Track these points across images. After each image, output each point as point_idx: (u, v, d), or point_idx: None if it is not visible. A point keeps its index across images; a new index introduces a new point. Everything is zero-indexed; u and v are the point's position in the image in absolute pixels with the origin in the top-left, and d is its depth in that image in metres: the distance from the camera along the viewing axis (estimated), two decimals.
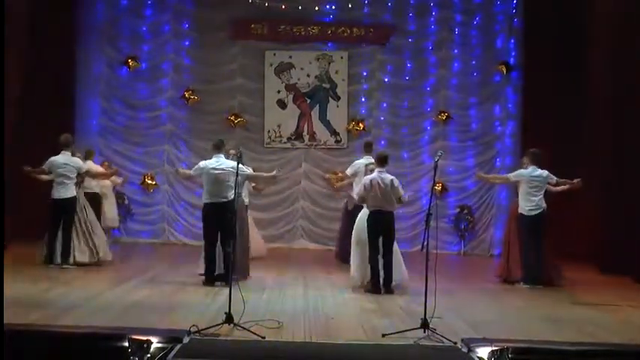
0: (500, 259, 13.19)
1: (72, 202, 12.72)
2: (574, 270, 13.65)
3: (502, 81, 17.60)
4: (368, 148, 14.06)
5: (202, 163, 11.29)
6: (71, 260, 12.57)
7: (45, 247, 12.57)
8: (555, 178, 12.26)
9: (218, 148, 11.40)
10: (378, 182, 11.01)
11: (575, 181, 12.38)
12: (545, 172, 12.23)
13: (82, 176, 13.13)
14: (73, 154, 12.98)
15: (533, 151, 12.57)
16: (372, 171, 11.54)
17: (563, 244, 14.54)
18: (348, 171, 13.85)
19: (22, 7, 14.70)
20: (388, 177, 11.10)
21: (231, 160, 11.38)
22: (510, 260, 12.54)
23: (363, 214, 11.45)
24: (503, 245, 13.30)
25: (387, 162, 11.45)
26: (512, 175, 12.68)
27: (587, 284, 12.74)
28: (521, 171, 12.45)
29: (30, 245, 13.26)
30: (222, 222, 10.76)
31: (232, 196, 10.67)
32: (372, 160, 13.12)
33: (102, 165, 15.37)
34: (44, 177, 12.94)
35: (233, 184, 10.51)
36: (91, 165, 14.24)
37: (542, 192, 12.24)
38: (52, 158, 12.72)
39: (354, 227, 11.64)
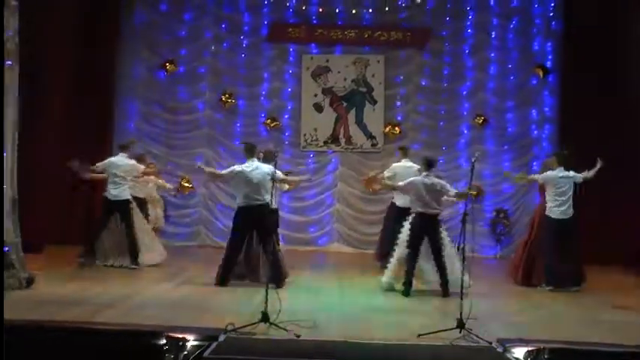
0: (516, 262, 12.98)
1: (126, 203, 12.92)
2: (612, 273, 13.57)
3: (539, 84, 17.48)
4: (404, 152, 14.06)
5: (238, 167, 11.31)
6: (141, 260, 12.82)
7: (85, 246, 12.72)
8: (582, 176, 12.16)
9: (251, 152, 11.45)
10: (425, 184, 10.99)
11: (598, 165, 12.25)
12: (571, 173, 12.14)
13: (137, 179, 13.39)
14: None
15: (558, 152, 12.50)
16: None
17: (599, 248, 14.49)
18: (387, 173, 13.82)
19: (67, 11, 14.95)
20: (435, 180, 11.10)
21: (261, 161, 11.43)
22: (531, 263, 12.43)
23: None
24: (520, 248, 13.07)
25: (434, 166, 11.40)
26: (539, 177, 12.55)
27: (625, 288, 12.63)
28: (549, 173, 12.34)
29: (65, 246, 13.44)
30: (259, 224, 10.84)
31: (268, 199, 10.77)
32: (411, 164, 13.16)
33: (148, 166, 15.43)
34: (96, 176, 13.15)
35: (269, 187, 10.63)
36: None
37: (571, 195, 12.14)
38: (110, 159, 13.05)
39: (404, 231, 11.58)
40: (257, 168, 11.17)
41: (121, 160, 12.93)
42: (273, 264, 10.59)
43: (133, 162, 13.11)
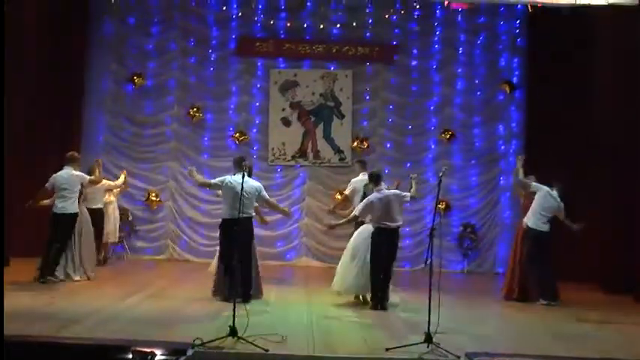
0: (507, 278, 13.10)
1: (71, 216, 12.72)
2: (576, 289, 13.70)
3: (506, 100, 17.64)
4: (362, 166, 14.19)
5: (229, 178, 11.25)
6: (60, 275, 12.57)
7: (41, 261, 12.58)
8: (564, 214, 12.37)
9: (240, 165, 11.40)
10: (380, 199, 11.14)
11: (575, 228, 12.44)
12: (561, 203, 12.32)
13: (85, 190, 13.22)
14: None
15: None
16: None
17: (566, 264, 14.60)
18: (347, 191, 13.94)
19: (33, 23, 14.85)
20: (389, 192, 11.28)
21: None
22: (520, 279, 12.56)
23: (363, 230, 11.53)
24: (509, 264, 13.23)
25: (382, 178, 11.63)
26: (533, 184, 12.67)
27: (589, 302, 12.75)
28: (542, 185, 12.51)
29: (32, 260, 13.29)
30: (243, 237, 10.86)
31: (253, 213, 10.83)
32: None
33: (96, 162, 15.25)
34: (47, 202, 12.99)
35: (254, 203, 10.66)
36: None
37: (549, 217, 12.34)
38: (55, 175, 12.79)
39: (351, 240, 11.68)
40: (246, 182, 11.13)
41: (65, 173, 12.75)
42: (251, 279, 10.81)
43: (77, 173, 12.84)
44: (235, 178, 11.09)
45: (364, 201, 11.43)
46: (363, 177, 13.54)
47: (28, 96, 14.92)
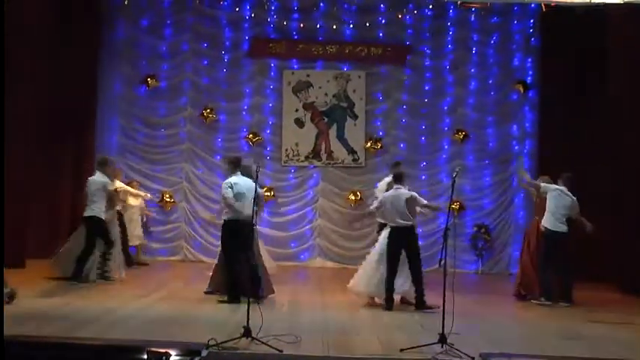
0: (519, 277, 13.10)
1: (96, 221, 12.74)
2: (592, 289, 13.64)
3: (519, 100, 17.58)
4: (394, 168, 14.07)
5: (234, 180, 11.23)
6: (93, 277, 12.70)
7: (75, 263, 12.62)
8: (578, 210, 12.31)
9: (237, 165, 11.44)
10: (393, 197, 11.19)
11: (589, 229, 12.38)
12: (575, 198, 12.26)
13: (111, 195, 13.27)
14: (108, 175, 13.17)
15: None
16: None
17: (582, 263, 14.56)
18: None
19: (45, 24, 14.89)
20: (405, 193, 11.24)
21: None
22: (529, 277, 12.56)
23: (386, 233, 11.53)
24: (520, 263, 13.25)
25: (403, 179, 11.59)
26: (542, 185, 12.64)
27: (603, 303, 12.71)
28: (554, 185, 12.47)
29: (48, 261, 13.37)
30: (245, 238, 10.82)
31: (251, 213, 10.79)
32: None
33: (130, 184, 15.48)
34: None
35: (251, 202, 10.63)
36: (118, 184, 14.34)
37: (566, 216, 12.30)
38: (89, 178, 13.00)
39: (378, 244, 11.66)
40: (246, 182, 11.15)
41: (92, 177, 12.89)
42: (254, 279, 10.72)
43: (100, 180, 12.87)
44: (234, 180, 11.12)
45: (381, 198, 11.58)
46: (387, 179, 13.45)
47: (41, 99, 14.95)
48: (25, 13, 13.88)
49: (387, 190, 11.97)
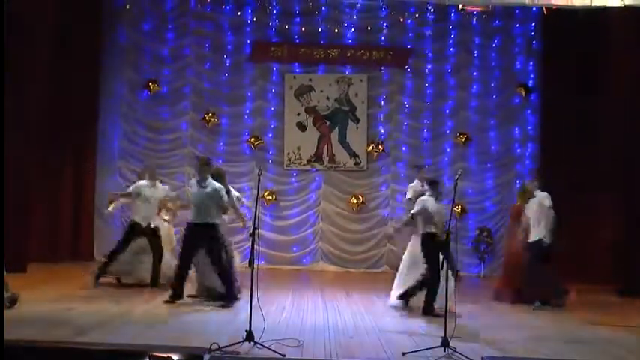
0: (504, 281, 13.12)
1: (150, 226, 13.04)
2: (592, 292, 13.64)
3: (521, 103, 17.59)
4: (420, 171, 13.93)
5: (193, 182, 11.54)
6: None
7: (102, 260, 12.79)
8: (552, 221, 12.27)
9: (206, 168, 11.52)
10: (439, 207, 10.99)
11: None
12: (546, 207, 12.27)
13: (162, 203, 13.54)
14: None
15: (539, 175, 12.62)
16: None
17: (581, 267, 14.60)
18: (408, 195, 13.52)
19: (47, 29, 14.92)
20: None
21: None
22: (518, 281, 12.57)
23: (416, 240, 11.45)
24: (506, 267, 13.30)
25: (438, 185, 11.35)
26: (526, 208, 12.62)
27: (603, 305, 12.69)
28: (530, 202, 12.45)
29: (50, 265, 13.37)
30: (207, 241, 11.17)
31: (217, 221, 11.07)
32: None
33: None
34: (123, 200, 13.42)
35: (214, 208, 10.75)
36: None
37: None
38: (139, 183, 13.19)
39: (408, 250, 11.61)
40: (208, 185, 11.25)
41: (148, 183, 13.21)
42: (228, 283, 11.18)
43: (160, 186, 13.52)
44: (193, 182, 11.42)
45: (422, 205, 11.09)
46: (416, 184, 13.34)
47: (43, 103, 14.97)
48: (28, 16, 13.91)
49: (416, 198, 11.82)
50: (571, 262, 14.20)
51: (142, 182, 13.15)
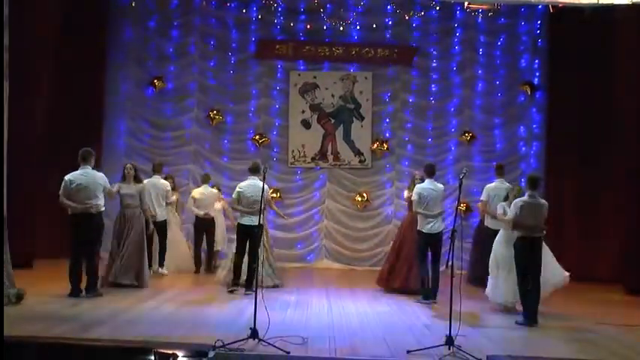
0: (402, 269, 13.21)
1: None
2: (598, 290, 13.63)
3: (526, 101, 17.56)
4: (500, 171, 14.11)
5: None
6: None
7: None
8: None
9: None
10: (530, 204, 10.51)
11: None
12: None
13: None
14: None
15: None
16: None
17: (588, 266, 14.59)
18: (483, 196, 13.66)
19: (52, 27, 14.93)
20: (541, 201, 10.70)
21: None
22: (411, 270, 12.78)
23: (501, 239, 11.36)
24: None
25: (538, 184, 10.96)
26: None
27: (609, 304, 12.68)
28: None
29: (57, 261, 13.38)
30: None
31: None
32: (507, 184, 13.08)
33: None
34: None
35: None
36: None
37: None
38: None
39: (494, 250, 11.49)
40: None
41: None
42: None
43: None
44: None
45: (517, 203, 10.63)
46: (500, 184, 13.53)
47: (48, 100, 14.99)
48: (31, 14, 13.89)
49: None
50: (578, 261, 14.19)
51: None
